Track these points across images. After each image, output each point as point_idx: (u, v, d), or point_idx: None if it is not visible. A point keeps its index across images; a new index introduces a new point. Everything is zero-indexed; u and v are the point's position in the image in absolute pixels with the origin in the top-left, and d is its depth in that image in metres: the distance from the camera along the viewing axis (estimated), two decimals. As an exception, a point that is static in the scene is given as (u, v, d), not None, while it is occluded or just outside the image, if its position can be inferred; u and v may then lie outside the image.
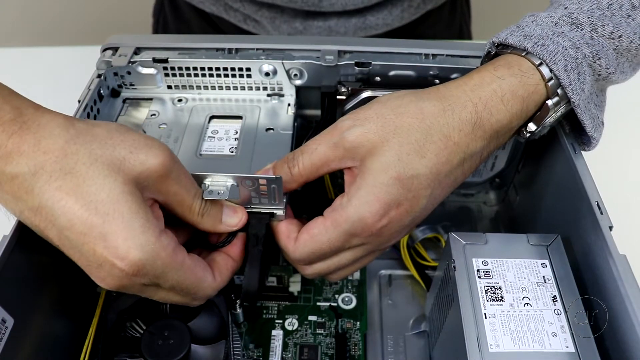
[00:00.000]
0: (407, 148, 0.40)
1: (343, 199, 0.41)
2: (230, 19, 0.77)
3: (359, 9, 0.72)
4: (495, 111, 0.41)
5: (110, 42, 0.55)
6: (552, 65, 0.42)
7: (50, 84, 0.77)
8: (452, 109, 0.41)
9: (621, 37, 0.43)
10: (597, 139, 0.46)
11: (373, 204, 0.39)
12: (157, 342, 0.44)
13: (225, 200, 0.42)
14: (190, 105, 0.54)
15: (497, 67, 0.43)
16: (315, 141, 0.42)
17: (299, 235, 0.43)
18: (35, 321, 0.42)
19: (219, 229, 0.42)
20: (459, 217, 0.65)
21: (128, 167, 0.36)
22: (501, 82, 0.42)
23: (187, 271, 0.38)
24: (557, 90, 0.42)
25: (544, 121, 0.43)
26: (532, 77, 0.42)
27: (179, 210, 0.40)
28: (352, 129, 0.41)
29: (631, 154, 0.75)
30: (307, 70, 0.53)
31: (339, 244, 0.42)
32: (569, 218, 0.47)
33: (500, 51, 0.45)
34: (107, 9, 1.55)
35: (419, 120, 0.41)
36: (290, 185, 0.43)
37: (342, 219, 0.40)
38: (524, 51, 0.43)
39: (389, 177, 0.39)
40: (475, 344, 0.39)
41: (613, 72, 0.45)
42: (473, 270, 0.43)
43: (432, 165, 0.40)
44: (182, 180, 0.39)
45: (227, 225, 0.43)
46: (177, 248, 0.38)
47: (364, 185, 0.40)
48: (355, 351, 0.52)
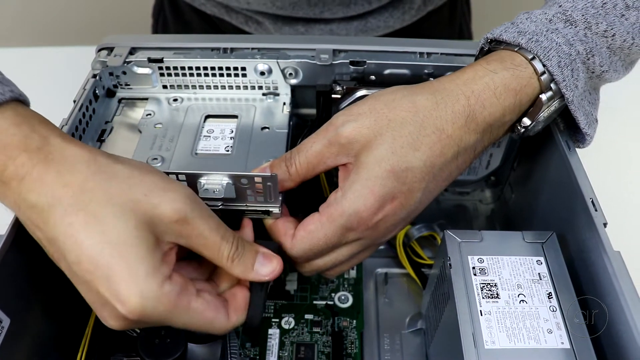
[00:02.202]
0: (400, 141, 0.40)
1: (337, 194, 0.41)
2: (232, 21, 0.77)
3: (360, 13, 0.73)
4: (488, 104, 0.41)
5: (105, 42, 0.55)
6: (546, 61, 0.42)
7: (49, 84, 0.77)
8: (445, 102, 0.41)
9: (614, 36, 0.43)
10: (591, 135, 0.46)
11: (368, 198, 0.40)
12: (154, 341, 0.44)
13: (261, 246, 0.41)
14: (185, 104, 0.54)
15: (489, 61, 0.43)
16: (311, 139, 0.42)
17: (296, 232, 0.43)
18: (31, 321, 0.42)
19: (249, 277, 0.40)
20: (455, 215, 0.65)
21: (141, 211, 0.35)
22: (494, 75, 0.42)
23: (195, 315, 0.37)
24: (551, 85, 0.43)
25: (537, 116, 0.43)
26: (524, 71, 0.42)
27: (207, 254, 0.39)
28: (346, 125, 0.41)
29: (625, 151, 0.75)
30: (302, 69, 0.53)
31: (336, 239, 0.42)
32: (564, 215, 0.47)
33: (494, 47, 0.45)
34: (107, 9, 1.55)
35: (412, 114, 0.41)
36: (287, 184, 0.43)
37: (337, 214, 0.40)
38: (517, 47, 0.43)
39: (383, 170, 0.39)
40: (471, 340, 0.39)
41: (607, 70, 0.45)
42: (469, 267, 0.43)
43: (426, 158, 0.40)
44: (204, 224, 0.37)
45: (258, 274, 0.40)
46: (183, 293, 0.37)
47: (358, 179, 0.40)
48: (351, 349, 0.52)
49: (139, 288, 0.34)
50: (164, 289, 0.35)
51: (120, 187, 0.36)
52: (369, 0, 0.71)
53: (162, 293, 0.35)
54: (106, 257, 0.34)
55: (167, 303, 0.35)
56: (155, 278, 0.35)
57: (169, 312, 0.36)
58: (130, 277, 0.34)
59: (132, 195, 0.35)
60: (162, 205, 0.36)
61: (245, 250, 0.40)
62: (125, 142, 0.50)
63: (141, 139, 0.50)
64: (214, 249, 0.38)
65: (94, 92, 0.52)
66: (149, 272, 0.35)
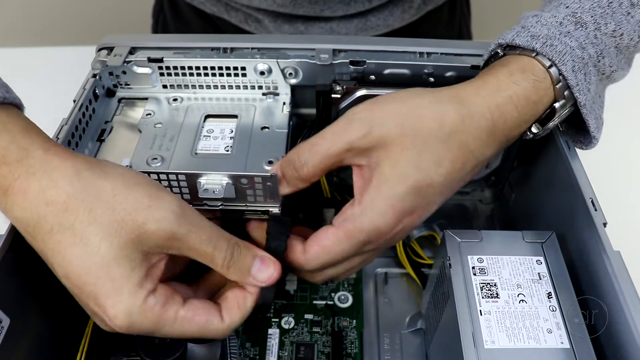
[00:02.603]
0: (425, 156, 0.39)
1: (355, 209, 0.40)
2: (232, 20, 0.77)
3: (360, 11, 0.73)
4: (510, 118, 0.41)
5: (105, 42, 0.55)
6: (561, 65, 0.41)
7: (49, 84, 0.77)
8: (471, 117, 0.40)
9: (622, 35, 0.43)
10: (597, 138, 0.46)
11: (388, 214, 0.39)
12: (154, 341, 0.44)
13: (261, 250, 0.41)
14: (185, 104, 0.54)
15: (512, 71, 0.42)
16: (326, 139, 0.41)
17: (308, 248, 0.42)
18: (31, 321, 0.42)
19: (247, 282, 0.40)
20: (455, 215, 0.65)
21: (126, 230, 0.35)
22: (516, 87, 0.41)
23: (185, 323, 0.38)
24: (564, 93, 0.42)
25: (548, 124, 0.43)
26: (544, 82, 0.42)
27: (201, 261, 0.39)
28: (370, 130, 0.39)
29: (625, 151, 0.75)
30: (302, 69, 0.53)
31: (353, 253, 0.41)
32: (564, 215, 0.47)
33: (508, 52, 0.45)
34: (107, 9, 1.55)
35: (438, 125, 0.40)
36: (300, 185, 0.42)
37: (356, 230, 0.40)
38: (533, 52, 0.43)
39: (405, 186, 0.39)
40: (470, 340, 0.39)
41: (615, 70, 0.45)
42: (468, 267, 0.43)
43: (447, 173, 0.40)
44: (194, 238, 0.37)
45: (255, 279, 0.40)
46: (169, 303, 0.37)
47: (379, 196, 0.39)
48: (351, 349, 0.52)
49: (123, 305, 0.35)
50: (147, 304, 0.36)
51: (104, 207, 0.35)
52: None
53: (147, 308, 0.36)
54: (92, 277, 0.35)
55: (152, 316, 0.36)
56: (139, 294, 0.36)
57: (155, 324, 0.36)
58: (115, 295, 0.35)
59: (116, 215, 0.35)
60: (147, 225, 0.36)
61: (241, 256, 0.39)
62: (125, 141, 0.50)
63: (141, 138, 0.50)
64: (207, 259, 0.38)
65: (94, 92, 0.52)
66: (132, 290, 0.35)
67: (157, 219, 0.36)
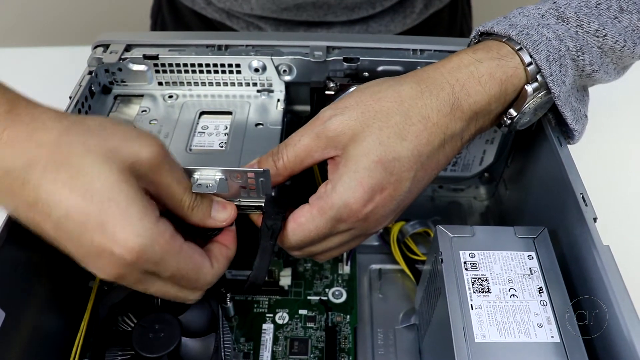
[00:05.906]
0: (387, 132, 0.40)
1: (327, 186, 0.41)
2: (233, 26, 0.77)
3: (363, 17, 0.73)
4: (473, 92, 0.42)
5: (101, 39, 0.55)
6: (535, 54, 0.42)
7: (49, 84, 0.77)
8: (430, 90, 0.42)
9: (606, 36, 0.44)
10: (579, 131, 0.47)
11: (357, 189, 0.40)
12: (148, 336, 0.45)
13: (215, 195, 0.43)
14: (180, 101, 0.54)
15: (476, 50, 0.44)
16: (298, 133, 0.43)
17: (286, 224, 0.43)
18: (26, 315, 0.43)
19: (207, 224, 0.42)
20: (450, 212, 0.65)
21: (122, 157, 0.36)
22: (479, 64, 0.42)
23: (186, 257, 0.38)
24: (537, 77, 0.43)
25: (524, 107, 0.44)
26: (511, 61, 0.43)
27: (169, 203, 0.40)
28: (333, 118, 0.41)
29: (617, 147, 0.75)
30: (296, 66, 0.54)
31: (327, 230, 0.42)
32: (556, 210, 0.47)
33: (484, 39, 0.46)
34: (106, 9, 1.55)
35: (397, 104, 0.41)
36: (276, 178, 0.43)
37: (327, 206, 0.41)
38: (506, 38, 0.44)
39: (370, 161, 0.40)
40: (461, 334, 0.39)
41: (597, 70, 0.45)
42: (460, 262, 0.43)
43: (413, 147, 0.41)
44: (173, 172, 0.39)
45: (215, 220, 0.43)
46: (175, 234, 0.38)
47: (347, 171, 0.40)
48: (345, 344, 0.53)
49: (134, 228, 0.35)
50: (159, 227, 0.36)
51: (97, 138, 0.36)
52: (372, 5, 0.71)
53: (158, 231, 0.36)
54: (96, 204, 0.34)
55: (163, 243, 0.36)
56: (149, 217, 0.35)
57: (165, 253, 0.36)
58: (124, 219, 0.34)
59: (109, 144, 0.36)
60: (142, 151, 0.36)
61: (202, 199, 0.42)
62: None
63: (136, 135, 0.50)
64: (177, 198, 0.40)
65: (90, 89, 0.52)
66: (142, 211, 0.35)
67: (149, 146, 0.37)
